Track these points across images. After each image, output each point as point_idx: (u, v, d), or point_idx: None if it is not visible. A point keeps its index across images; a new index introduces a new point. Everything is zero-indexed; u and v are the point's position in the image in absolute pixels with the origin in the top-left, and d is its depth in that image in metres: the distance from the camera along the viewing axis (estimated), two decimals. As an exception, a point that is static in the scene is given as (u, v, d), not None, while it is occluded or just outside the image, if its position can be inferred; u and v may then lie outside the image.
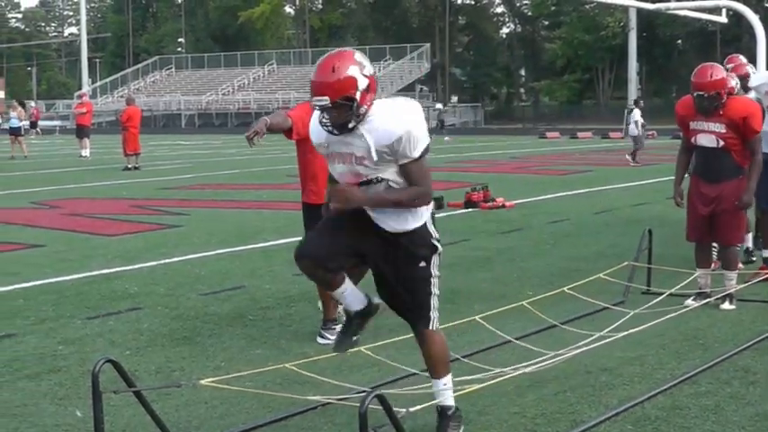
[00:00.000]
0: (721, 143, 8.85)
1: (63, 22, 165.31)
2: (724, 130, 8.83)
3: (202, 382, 5.66)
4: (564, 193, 20.21)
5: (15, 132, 38.50)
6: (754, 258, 11.15)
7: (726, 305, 9.00)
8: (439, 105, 64.31)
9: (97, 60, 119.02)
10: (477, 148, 43.68)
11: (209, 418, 6.04)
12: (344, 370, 6.87)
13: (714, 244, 9.60)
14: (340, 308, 6.79)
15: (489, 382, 6.01)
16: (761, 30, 25.44)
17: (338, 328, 7.69)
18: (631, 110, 57.59)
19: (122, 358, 6.56)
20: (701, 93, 8.79)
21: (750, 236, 11.21)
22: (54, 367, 7.22)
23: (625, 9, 67.72)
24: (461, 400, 5.93)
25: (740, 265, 9.66)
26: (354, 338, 5.82)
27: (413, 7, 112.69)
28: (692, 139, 9.08)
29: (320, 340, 7.89)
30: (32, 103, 73.01)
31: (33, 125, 63.14)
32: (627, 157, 30.78)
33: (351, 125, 5.20)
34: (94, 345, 7.89)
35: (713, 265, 9.79)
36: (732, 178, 8.95)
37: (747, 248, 11.25)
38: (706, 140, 8.96)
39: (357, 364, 7.05)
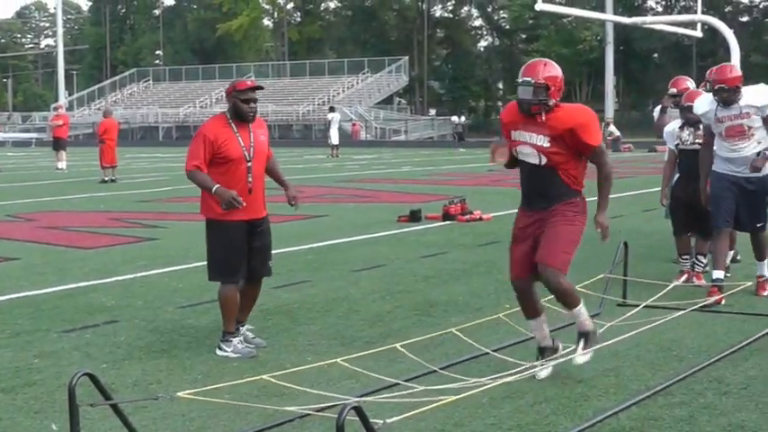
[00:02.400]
0: (544, 160, 7.08)
1: (39, 34, 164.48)
2: (547, 144, 7.06)
3: (180, 394, 5.67)
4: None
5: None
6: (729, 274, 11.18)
7: (579, 355, 7.11)
8: (454, 118, 64.66)
9: (74, 72, 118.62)
10: (455, 161, 43.73)
11: (186, 431, 6.04)
12: (322, 382, 6.89)
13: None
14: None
15: (465, 394, 6.03)
16: (735, 44, 25.63)
17: (235, 340, 7.78)
18: (608, 123, 57.87)
19: (99, 371, 6.56)
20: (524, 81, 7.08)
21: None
22: (30, 381, 7.20)
23: (602, 23, 67.92)
24: (438, 412, 5.96)
25: (702, 282, 9.98)
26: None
27: (391, 20, 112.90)
28: (513, 151, 7.38)
29: (218, 352, 7.88)
30: None
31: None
32: None
33: None
34: (71, 358, 7.87)
35: (686, 276, 10.40)
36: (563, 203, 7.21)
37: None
38: (529, 155, 7.21)
39: (334, 375, 7.06)
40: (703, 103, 10.12)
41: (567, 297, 7.19)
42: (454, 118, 64.89)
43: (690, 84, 12.24)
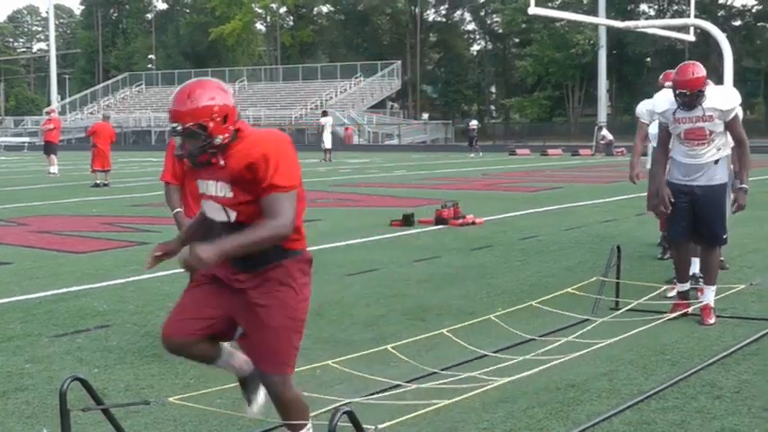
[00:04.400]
0: (233, 216, 4.92)
1: (32, 38, 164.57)
2: (230, 194, 4.90)
3: (171, 399, 5.65)
4: (534, 210, 20.27)
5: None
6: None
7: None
8: (473, 123, 64.80)
9: (66, 76, 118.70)
10: (448, 165, 43.75)
11: (177, 436, 6.03)
12: (314, 386, 6.86)
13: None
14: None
15: (458, 398, 6.02)
16: (728, 48, 25.65)
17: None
18: (601, 127, 57.95)
19: (91, 376, 6.54)
20: None
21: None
22: (21, 385, 7.17)
23: (595, 27, 68.15)
24: (430, 416, 5.95)
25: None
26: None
27: (384, 24, 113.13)
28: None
29: None
30: None
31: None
32: None
33: None
34: (62, 363, 7.85)
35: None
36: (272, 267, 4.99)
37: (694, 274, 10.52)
38: (214, 210, 5.05)
39: (326, 379, 7.05)
40: (663, 100, 9.36)
41: (292, 412, 5.14)
42: (473, 123, 64.97)
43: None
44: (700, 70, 8.88)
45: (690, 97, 8.86)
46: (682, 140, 9.15)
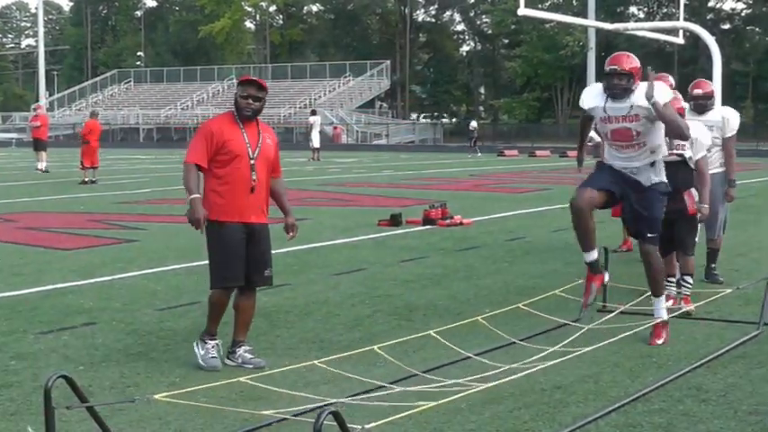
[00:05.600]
0: None
1: (20, 34, 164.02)
2: None
3: (157, 396, 5.63)
4: (522, 211, 20.29)
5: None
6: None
7: None
8: (473, 124, 64.92)
9: (55, 73, 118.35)
10: (436, 166, 43.76)
11: (162, 434, 6.01)
12: (300, 385, 6.86)
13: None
14: None
15: (445, 400, 6.01)
16: (717, 51, 25.70)
17: (210, 344, 7.63)
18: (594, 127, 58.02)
19: (76, 374, 6.52)
20: None
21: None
22: (6, 382, 7.15)
23: (584, 29, 68.17)
24: (416, 417, 5.94)
25: (692, 307, 9.67)
26: None
27: (373, 24, 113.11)
28: None
29: (195, 348, 7.71)
30: None
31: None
32: None
33: None
34: (48, 360, 7.83)
35: (671, 302, 9.57)
36: None
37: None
38: None
39: (312, 379, 7.04)
40: (591, 95, 8.67)
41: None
42: (472, 124, 64.98)
43: (670, 81, 12.01)
44: (635, 60, 8.47)
45: (620, 78, 8.27)
46: (610, 141, 8.59)
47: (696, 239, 10.21)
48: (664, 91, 8.37)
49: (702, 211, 9.80)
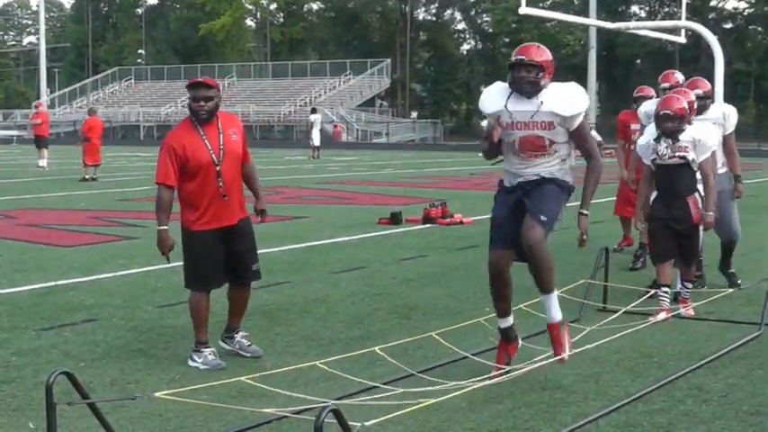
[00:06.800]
0: None
1: (22, 31, 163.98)
2: None
3: (157, 394, 5.63)
4: (522, 210, 20.28)
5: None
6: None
7: None
8: (484, 123, 65.12)
9: (56, 70, 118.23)
10: (436, 164, 43.75)
11: (163, 431, 6.01)
12: (300, 384, 6.86)
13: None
14: None
15: (444, 398, 6.01)
16: (719, 51, 25.66)
17: (207, 351, 7.64)
18: (590, 128, 57.97)
19: (77, 370, 6.52)
20: None
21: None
22: (7, 378, 7.15)
23: (585, 28, 68.18)
24: (416, 416, 5.94)
25: (690, 311, 9.64)
26: None
27: (374, 22, 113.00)
28: None
29: (190, 362, 7.65)
30: None
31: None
32: None
33: None
34: (49, 356, 7.83)
35: (664, 313, 9.37)
36: None
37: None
38: None
39: (312, 377, 7.04)
40: (491, 95, 7.54)
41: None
42: (483, 123, 65.02)
43: (679, 77, 11.99)
44: (546, 52, 7.35)
45: (528, 68, 7.15)
46: (516, 151, 7.31)
47: (702, 249, 10.05)
48: (576, 100, 7.25)
49: (707, 219, 9.44)
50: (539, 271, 7.46)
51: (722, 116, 10.93)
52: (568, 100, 7.17)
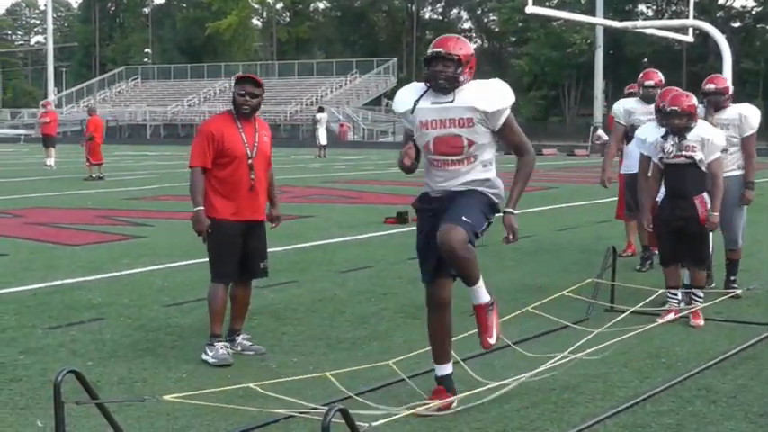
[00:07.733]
0: None
1: (30, 31, 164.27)
2: None
3: (166, 397, 5.62)
4: (528, 210, 20.24)
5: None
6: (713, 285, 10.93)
7: None
8: None
9: (63, 70, 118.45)
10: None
11: (170, 430, 6.01)
12: (308, 383, 6.85)
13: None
14: None
15: (452, 398, 6.00)
16: (727, 50, 25.61)
17: (219, 345, 7.65)
18: (596, 128, 57.96)
19: (84, 369, 6.51)
20: None
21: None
22: (15, 377, 7.16)
23: (592, 27, 68.10)
24: (422, 416, 5.93)
25: (700, 323, 9.52)
26: None
27: (380, 22, 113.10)
28: None
29: (203, 356, 7.68)
30: None
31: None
32: None
33: None
34: (56, 355, 7.83)
35: (672, 314, 9.25)
36: None
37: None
38: None
39: (320, 377, 7.02)
40: (405, 94, 6.82)
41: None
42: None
43: (661, 76, 11.97)
44: (466, 44, 6.73)
45: (445, 62, 6.53)
46: (431, 158, 6.51)
47: (711, 251, 9.85)
48: (499, 95, 6.51)
49: (711, 220, 9.23)
50: (463, 271, 6.59)
51: (738, 117, 10.47)
52: (491, 95, 6.41)
